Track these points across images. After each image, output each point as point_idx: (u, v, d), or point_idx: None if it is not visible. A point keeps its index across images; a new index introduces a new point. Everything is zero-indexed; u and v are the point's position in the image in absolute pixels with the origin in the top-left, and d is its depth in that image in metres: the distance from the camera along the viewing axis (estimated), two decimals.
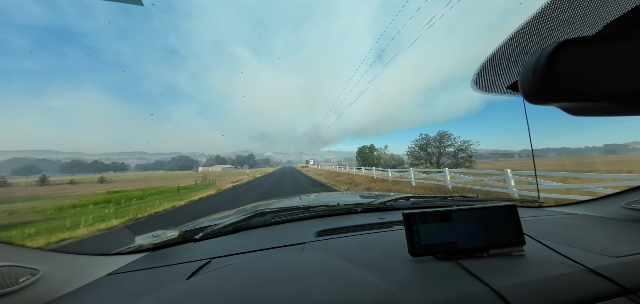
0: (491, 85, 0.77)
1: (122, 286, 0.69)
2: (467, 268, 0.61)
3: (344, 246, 0.84)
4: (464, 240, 0.67)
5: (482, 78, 0.75)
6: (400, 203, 1.42)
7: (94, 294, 0.66)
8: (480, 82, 0.77)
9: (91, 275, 0.73)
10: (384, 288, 0.56)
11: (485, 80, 0.75)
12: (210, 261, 0.79)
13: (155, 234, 0.91)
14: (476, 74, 0.74)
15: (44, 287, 0.62)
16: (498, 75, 0.71)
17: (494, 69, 0.70)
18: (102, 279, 0.73)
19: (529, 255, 0.67)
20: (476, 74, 0.74)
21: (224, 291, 0.60)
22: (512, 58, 0.64)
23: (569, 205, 1.28)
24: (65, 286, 0.66)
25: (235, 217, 1.21)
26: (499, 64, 0.67)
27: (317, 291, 0.56)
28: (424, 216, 0.69)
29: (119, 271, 0.78)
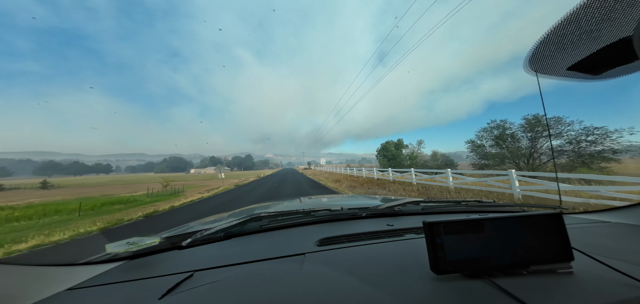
0: (549, 64, 0.69)
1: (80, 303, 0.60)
2: (506, 288, 0.52)
3: (350, 258, 0.75)
4: (498, 254, 0.57)
5: (540, 56, 0.67)
6: (408, 208, 1.33)
7: None
8: (536, 60, 0.69)
9: (45, 290, 0.62)
10: None
11: (544, 57, 0.68)
12: (193, 274, 0.70)
13: (130, 241, 0.81)
14: (533, 49, 0.66)
15: None
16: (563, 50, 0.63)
17: (558, 43, 0.62)
18: (58, 295, 0.62)
19: (578, 273, 0.57)
20: (533, 49, 0.66)
21: None
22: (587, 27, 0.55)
23: (597, 212, 1.12)
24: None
25: (228, 222, 1.10)
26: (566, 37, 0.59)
27: None
28: (450, 226, 0.59)
29: (83, 285, 0.68)
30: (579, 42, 0.59)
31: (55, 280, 0.67)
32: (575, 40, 0.59)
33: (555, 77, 0.72)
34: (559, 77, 0.71)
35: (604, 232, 0.89)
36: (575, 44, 0.60)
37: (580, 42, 0.59)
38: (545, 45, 0.63)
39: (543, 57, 0.66)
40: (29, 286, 0.61)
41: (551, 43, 0.62)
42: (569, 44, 0.60)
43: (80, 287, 0.67)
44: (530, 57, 0.68)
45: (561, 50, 0.63)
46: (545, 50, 0.64)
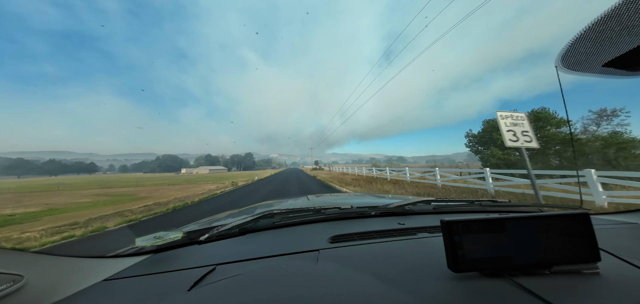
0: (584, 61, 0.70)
1: (118, 295, 0.65)
2: (528, 287, 0.51)
3: (363, 256, 0.77)
4: (519, 253, 0.57)
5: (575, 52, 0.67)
6: (420, 207, 1.35)
7: (86, 303, 0.61)
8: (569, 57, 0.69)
9: (85, 281, 0.68)
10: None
11: (578, 54, 0.68)
12: (215, 268, 0.75)
13: (157, 235, 0.88)
14: (566, 48, 0.67)
15: (28, 295, 0.55)
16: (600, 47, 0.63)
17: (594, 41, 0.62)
18: (97, 286, 0.68)
19: (605, 274, 0.56)
20: (566, 48, 0.67)
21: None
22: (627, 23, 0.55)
23: (625, 213, 1.10)
24: (54, 293, 0.60)
25: (242, 218, 1.17)
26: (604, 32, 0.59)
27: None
28: (469, 226, 0.58)
29: (117, 276, 0.74)
30: (618, 38, 0.60)
31: (90, 271, 0.71)
32: (615, 36, 0.59)
33: (589, 74, 0.73)
34: (593, 74, 0.72)
35: (633, 234, 0.87)
36: (613, 40, 0.61)
37: (620, 38, 0.60)
38: (581, 42, 0.64)
39: (577, 53, 0.67)
40: (71, 277, 0.66)
41: (588, 39, 0.62)
42: (606, 40, 0.61)
43: (115, 278, 0.72)
44: (563, 54, 0.69)
45: (598, 46, 0.63)
46: (581, 47, 0.65)
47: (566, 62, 0.70)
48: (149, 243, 0.85)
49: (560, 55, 0.69)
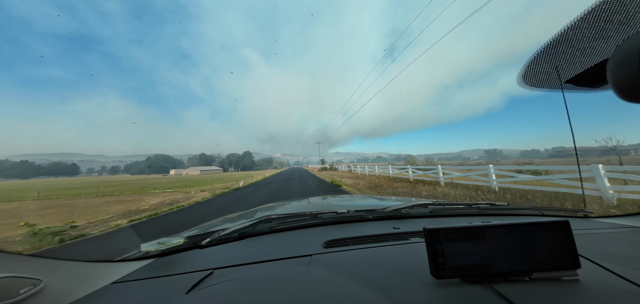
0: (545, 79, 0.73)
1: (125, 296, 0.70)
2: (506, 295, 0.52)
3: (355, 261, 0.80)
4: (500, 260, 0.58)
5: (532, 72, 0.70)
6: (416, 211, 1.36)
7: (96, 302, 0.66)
8: (530, 75, 0.72)
9: (96, 283, 0.74)
10: None
11: (538, 73, 0.71)
12: (212, 272, 0.79)
13: (160, 241, 0.93)
14: (525, 67, 0.69)
15: (46, 297, 0.60)
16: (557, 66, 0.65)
17: (551, 60, 0.64)
18: (107, 288, 0.74)
19: (584, 281, 0.57)
20: (525, 67, 0.69)
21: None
22: (580, 45, 0.57)
23: (625, 217, 1.09)
24: (69, 295, 0.65)
25: (241, 222, 1.23)
26: (558, 53, 0.61)
27: None
28: (450, 233, 0.60)
29: (124, 279, 0.79)
30: (572, 58, 0.62)
31: (101, 275, 0.77)
32: (569, 57, 0.62)
33: (551, 90, 0.76)
34: (556, 90, 0.74)
35: (628, 239, 0.86)
36: (568, 60, 0.63)
37: (574, 58, 0.62)
38: (538, 63, 0.67)
39: (537, 72, 0.70)
40: (84, 280, 0.71)
41: (543, 61, 0.65)
42: (562, 60, 0.64)
43: (123, 281, 0.78)
44: (523, 74, 0.72)
45: (555, 66, 0.66)
46: (539, 67, 0.68)
47: (528, 80, 0.74)
48: (153, 248, 0.89)
49: (520, 75, 0.73)
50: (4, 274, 0.54)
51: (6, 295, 0.53)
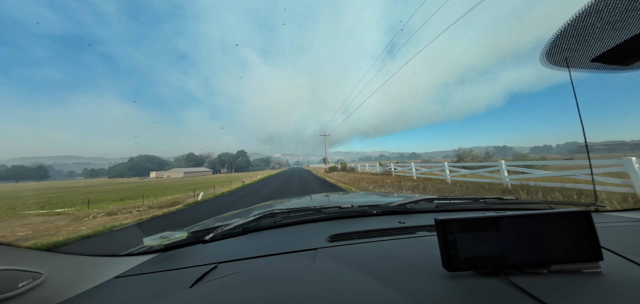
0: (571, 56, 0.69)
1: (128, 291, 0.69)
2: (525, 288, 0.51)
3: (361, 255, 0.79)
4: (515, 252, 0.57)
5: (557, 49, 0.67)
6: (421, 206, 1.36)
7: (99, 298, 0.65)
8: (554, 53, 0.69)
9: (98, 278, 0.73)
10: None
11: (563, 50, 0.68)
12: (216, 266, 0.79)
13: (163, 235, 0.93)
14: (549, 44, 0.67)
15: (46, 291, 0.60)
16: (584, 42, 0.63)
17: (578, 35, 0.61)
18: (109, 282, 0.73)
19: (607, 273, 0.55)
20: (549, 44, 0.67)
21: (227, 302, 0.58)
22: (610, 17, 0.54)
23: (636, 210, 1.11)
24: (70, 289, 0.65)
25: (244, 218, 1.23)
26: (586, 28, 0.59)
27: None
28: (463, 224, 0.58)
29: (127, 273, 0.79)
30: (601, 33, 0.59)
31: (103, 269, 0.76)
32: (598, 31, 0.59)
33: (577, 70, 0.72)
34: (582, 69, 0.72)
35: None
36: (597, 35, 0.60)
37: (603, 33, 0.59)
38: (563, 38, 0.64)
39: (561, 49, 0.67)
40: (85, 274, 0.71)
41: (569, 36, 0.62)
42: (589, 35, 0.61)
43: (125, 275, 0.77)
44: (546, 52, 0.68)
45: (582, 42, 0.63)
46: (564, 44, 0.65)
47: (551, 59, 0.70)
48: (156, 242, 0.89)
49: (544, 52, 0.69)
50: (3, 267, 0.53)
51: (4, 288, 0.52)
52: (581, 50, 0.63)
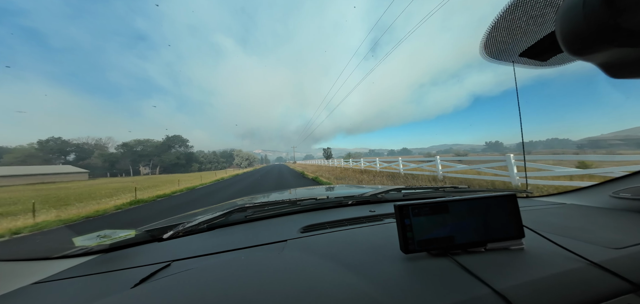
0: (503, 50, 0.72)
1: (47, 298, 0.60)
2: (465, 265, 0.58)
3: (330, 243, 0.81)
4: (461, 233, 0.65)
5: (492, 40, 0.70)
6: (392, 195, 1.46)
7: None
8: (490, 45, 0.71)
9: (8, 285, 0.63)
10: (371, 294, 0.51)
11: (497, 43, 0.70)
12: (170, 264, 0.74)
13: (102, 234, 0.84)
14: (486, 35, 0.68)
15: None
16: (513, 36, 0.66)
17: (509, 28, 0.64)
18: (23, 290, 0.63)
19: (528, 249, 0.65)
20: (486, 35, 0.68)
21: (170, 301, 0.52)
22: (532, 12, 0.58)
23: (556, 195, 1.32)
24: None
25: (212, 213, 1.16)
26: (515, 21, 0.62)
27: (288, 301, 0.50)
28: (418, 208, 0.65)
29: (51, 278, 0.69)
30: (526, 27, 0.62)
31: (21, 275, 0.67)
32: (523, 25, 0.62)
33: (507, 63, 0.76)
34: (511, 63, 0.75)
35: (559, 212, 1.03)
36: (523, 29, 0.63)
37: (528, 27, 0.62)
38: (497, 31, 0.66)
39: (496, 42, 0.69)
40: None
41: (502, 28, 0.64)
42: (517, 29, 0.63)
43: (46, 281, 0.68)
44: (484, 42, 0.70)
45: (511, 35, 0.65)
46: (498, 36, 0.67)
47: (488, 50, 0.72)
48: (92, 242, 0.79)
49: (482, 43, 0.71)
50: None
51: None
52: (511, 43, 0.67)
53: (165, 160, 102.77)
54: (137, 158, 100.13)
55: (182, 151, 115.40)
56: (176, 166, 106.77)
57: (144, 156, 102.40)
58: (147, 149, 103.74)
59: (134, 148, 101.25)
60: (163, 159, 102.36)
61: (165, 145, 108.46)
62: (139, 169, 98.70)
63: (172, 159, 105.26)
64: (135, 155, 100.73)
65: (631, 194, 0.96)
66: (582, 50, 0.35)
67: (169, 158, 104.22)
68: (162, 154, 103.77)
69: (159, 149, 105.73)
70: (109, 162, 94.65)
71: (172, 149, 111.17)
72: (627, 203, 0.97)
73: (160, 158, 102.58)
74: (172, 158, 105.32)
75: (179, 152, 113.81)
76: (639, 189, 0.96)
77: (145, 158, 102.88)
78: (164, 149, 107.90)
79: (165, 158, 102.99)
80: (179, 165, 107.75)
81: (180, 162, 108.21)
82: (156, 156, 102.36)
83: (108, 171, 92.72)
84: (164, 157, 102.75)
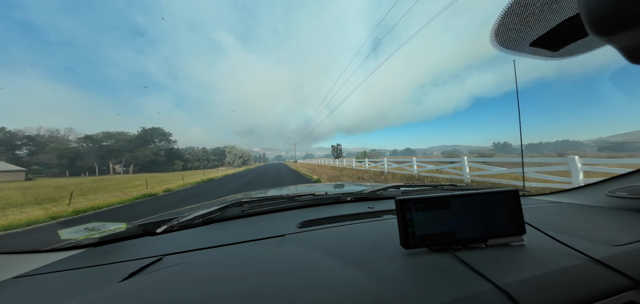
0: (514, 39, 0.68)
1: (27, 291, 0.58)
2: (466, 261, 0.58)
3: (329, 238, 0.81)
4: (462, 229, 0.65)
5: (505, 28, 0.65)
6: (390, 192, 1.47)
7: None
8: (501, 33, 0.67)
9: None
10: (372, 288, 0.51)
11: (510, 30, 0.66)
12: (162, 258, 0.72)
13: (90, 226, 0.81)
14: (498, 21, 0.64)
15: None
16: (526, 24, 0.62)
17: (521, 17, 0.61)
18: (2, 284, 0.61)
19: (529, 246, 0.66)
20: (498, 21, 0.64)
21: (162, 295, 0.51)
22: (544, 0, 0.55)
23: (552, 194, 1.34)
24: None
25: (208, 208, 1.14)
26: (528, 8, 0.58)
27: (288, 294, 0.49)
28: (419, 203, 0.65)
29: (33, 272, 0.66)
30: (540, 14, 0.58)
31: (2, 269, 0.64)
32: (537, 12, 0.58)
33: (520, 54, 0.72)
34: (523, 53, 0.72)
35: (556, 211, 1.05)
36: (536, 16, 0.59)
37: (542, 14, 0.58)
38: (510, 17, 0.62)
39: (508, 29, 0.65)
40: None
41: (515, 14, 0.60)
42: (531, 16, 0.59)
43: (29, 275, 0.64)
44: (496, 28, 0.65)
45: (524, 22, 0.62)
46: (510, 23, 0.63)
47: (499, 39, 0.68)
48: (80, 235, 0.77)
49: (493, 30, 0.66)
50: None
51: None
52: (523, 32, 0.63)
53: (139, 157, 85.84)
54: (106, 154, 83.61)
55: (163, 146, 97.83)
56: (154, 164, 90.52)
57: (115, 152, 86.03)
58: (119, 143, 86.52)
59: (102, 142, 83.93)
60: (136, 155, 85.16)
61: (141, 138, 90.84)
62: (108, 167, 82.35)
63: (148, 155, 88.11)
64: (103, 151, 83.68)
65: (627, 193, 0.97)
66: (611, 29, 0.34)
67: (143, 155, 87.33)
68: (136, 149, 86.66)
69: (132, 144, 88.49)
70: (68, 158, 77.79)
71: (150, 144, 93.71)
72: (623, 201, 0.98)
73: (133, 154, 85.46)
74: (148, 155, 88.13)
75: (158, 146, 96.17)
76: (634, 188, 0.96)
77: (117, 154, 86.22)
78: (140, 143, 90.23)
79: (138, 155, 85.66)
80: (158, 163, 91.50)
81: (158, 159, 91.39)
82: (128, 152, 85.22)
83: (67, 169, 76.41)
84: (137, 153, 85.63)
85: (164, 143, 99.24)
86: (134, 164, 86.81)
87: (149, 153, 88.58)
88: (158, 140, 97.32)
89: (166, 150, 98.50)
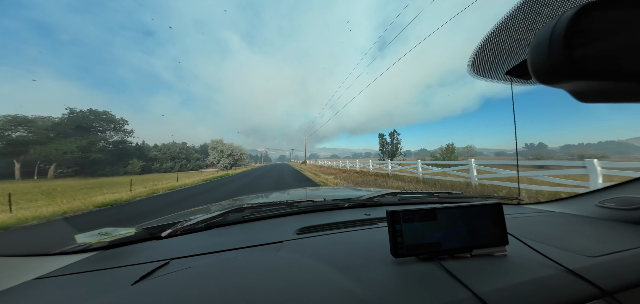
0: (489, 69, 0.77)
1: (50, 292, 0.62)
2: (450, 270, 0.61)
3: (325, 245, 0.84)
4: (448, 239, 0.69)
5: (479, 61, 0.75)
6: (387, 199, 1.51)
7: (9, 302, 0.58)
8: (477, 64, 0.76)
9: (9, 281, 0.64)
10: (358, 294, 0.54)
11: (484, 62, 0.75)
12: (169, 262, 0.76)
13: (103, 231, 0.86)
14: (473, 55, 0.73)
15: None
16: (499, 57, 0.71)
17: (494, 49, 0.69)
18: (25, 285, 0.64)
19: (511, 256, 0.69)
20: (473, 55, 0.73)
21: (171, 298, 0.54)
22: (516, 35, 0.63)
23: (546, 203, 1.38)
24: None
25: (210, 213, 1.21)
26: (500, 43, 0.66)
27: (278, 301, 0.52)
28: (409, 215, 0.69)
29: (52, 274, 0.71)
30: (511, 49, 0.68)
31: (18, 271, 0.68)
32: (508, 47, 0.67)
33: (495, 81, 0.82)
34: (499, 81, 0.81)
35: (546, 220, 1.07)
36: (508, 50, 0.68)
37: (512, 49, 0.68)
38: (483, 52, 0.71)
39: (483, 62, 0.75)
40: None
41: (488, 50, 0.70)
42: (503, 50, 0.69)
43: (48, 276, 0.69)
44: (472, 62, 0.76)
45: (497, 55, 0.71)
46: (484, 56, 0.72)
47: (475, 69, 0.78)
48: (93, 239, 0.82)
49: (469, 63, 0.77)
50: None
51: None
52: (497, 63, 0.72)
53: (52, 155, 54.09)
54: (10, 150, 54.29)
55: (107, 137, 67.45)
56: (96, 163, 61.42)
57: (28, 145, 57.25)
58: (38, 135, 55.56)
59: (4, 132, 53.64)
60: (47, 151, 53.52)
61: (67, 126, 60.28)
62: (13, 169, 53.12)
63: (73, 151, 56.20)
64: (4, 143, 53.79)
65: (615, 204, 1.01)
66: (547, 81, 0.39)
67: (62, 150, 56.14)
68: (50, 143, 55.25)
69: (56, 134, 58.32)
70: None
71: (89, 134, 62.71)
72: (611, 212, 1.02)
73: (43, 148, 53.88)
74: (73, 150, 56.16)
75: (101, 138, 65.64)
76: (622, 199, 1.00)
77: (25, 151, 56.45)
78: (67, 133, 59.70)
79: (51, 150, 54.07)
80: (101, 162, 62.28)
81: (98, 157, 61.28)
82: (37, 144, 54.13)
83: None
84: (51, 148, 53.91)
85: (112, 134, 69.13)
86: (58, 164, 57.91)
87: (74, 147, 56.45)
88: (101, 130, 66.93)
89: (115, 143, 68.44)
